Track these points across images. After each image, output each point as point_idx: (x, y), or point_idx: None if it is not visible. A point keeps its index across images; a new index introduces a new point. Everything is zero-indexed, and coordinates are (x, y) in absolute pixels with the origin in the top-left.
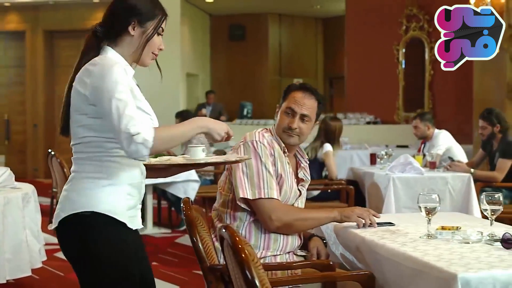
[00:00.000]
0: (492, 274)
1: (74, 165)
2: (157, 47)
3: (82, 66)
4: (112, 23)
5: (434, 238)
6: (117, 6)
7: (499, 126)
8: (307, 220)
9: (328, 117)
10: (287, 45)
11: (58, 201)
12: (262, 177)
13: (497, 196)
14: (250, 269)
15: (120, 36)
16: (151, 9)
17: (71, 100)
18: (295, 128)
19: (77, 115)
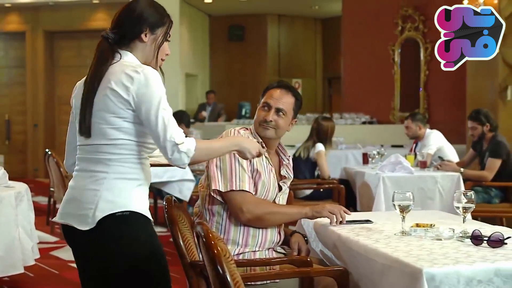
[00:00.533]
0: (456, 269)
1: (99, 165)
2: (165, 52)
3: (102, 70)
4: (125, 30)
5: (408, 235)
6: (128, 15)
7: (488, 125)
8: (277, 214)
9: (320, 117)
10: (286, 45)
11: (83, 201)
12: (234, 170)
13: (469, 194)
14: (221, 264)
15: (133, 42)
16: (160, 17)
17: (103, 101)
18: (270, 121)
19: (112, 117)
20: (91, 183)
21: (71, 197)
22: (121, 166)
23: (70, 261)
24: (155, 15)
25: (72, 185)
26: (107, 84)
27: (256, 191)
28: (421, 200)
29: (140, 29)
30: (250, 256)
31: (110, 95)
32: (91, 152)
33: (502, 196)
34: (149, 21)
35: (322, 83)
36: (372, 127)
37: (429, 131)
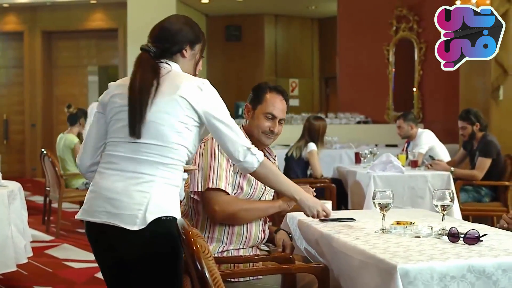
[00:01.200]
0: (430, 266)
1: (146, 167)
2: (199, 67)
3: (150, 78)
4: (168, 45)
5: (388, 232)
6: (172, 32)
7: (478, 124)
8: (251, 210)
9: (312, 116)
10: (283, 45)
11: (130, 202)
12: (212, 169)
13: (447, 193)
14: (200, 261)
15: (176, 56)
16: (197, 34)
17: (170, 105)
18: (276, 133)
19: (176, 121)
20: (137, 184)
21: (109, 196)
22: (169, 171)
23: (64, 260)
24: (193, 32)
25: (106, 184)
26: (175, 90)
27: (242, 190)
28: (412, 199)
29: (181, 45)
30: (233, 254)
31: (180, 101)
32: (138, 151)
33: (493, 195)
34: (189, 38)
35: (319, 83)
36: (367, 126)
37: (421, 131)
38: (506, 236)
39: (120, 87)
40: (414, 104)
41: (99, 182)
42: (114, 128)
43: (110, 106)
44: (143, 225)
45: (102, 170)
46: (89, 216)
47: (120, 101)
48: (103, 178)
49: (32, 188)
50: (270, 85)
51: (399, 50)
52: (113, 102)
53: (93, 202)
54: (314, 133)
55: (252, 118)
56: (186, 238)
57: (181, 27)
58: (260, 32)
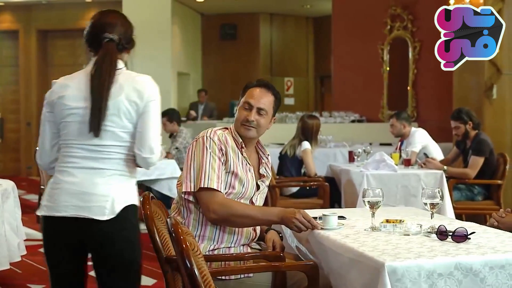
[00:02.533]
0: (418, 263)
1: (108, 163)
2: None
3: (112, 75)
4: (129, 39)
5: (378, 230)
6: (129, 27)
7: (471, 123)
8: (245, 218)
9: (305, 115)
10: (278, 44)
11: (97, 194)
12: (204, 169)
13: (436, 191)
14: (189, 258)
15: (125, 52)
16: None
17: (118, 107)
18: (252, 121)
19: (126, 122)
20: (101, 178)
21: (76, 191)
22: (127, 164)
23: None
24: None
25: (73, 180)
26: (121, 93)
27: (234, 189)
28: (405, 198)
29: (131, 43)
30: (225, 252)
31: (127, 103)
32: (99, 151)
33: (485, 194)
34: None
35: (314, 82)
36: (361, 125)
37: (414, 130)
38: (494, 234)
39: (68, 88)
40: (408, 103)
41: (62, 179)
42: (68, 131)
43: (59, 107)
44: (112, 214)
45: (63, 169)
46: (55, 212)
47: (70, 103)
48: (65, 175)
49: (27, 187)
50: (257, 81)
51: (394, 49)
52: (62, 104)
53: (58, 197)
54: (308, 131)
55: (236, 113)
56: (175, 236)
57: (130, 25)
58: (255, 30)
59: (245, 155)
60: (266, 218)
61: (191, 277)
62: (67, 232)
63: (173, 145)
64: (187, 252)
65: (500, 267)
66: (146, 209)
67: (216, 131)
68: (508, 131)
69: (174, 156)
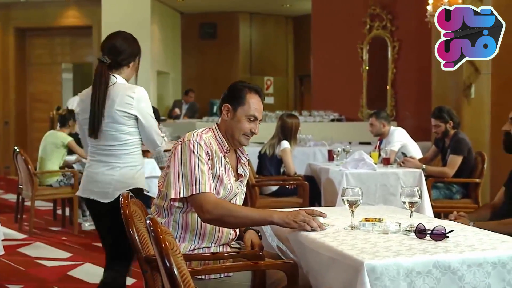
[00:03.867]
0: (396, 262)
1: (112, 158)
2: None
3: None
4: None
5: (357, 229)
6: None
7: (451, 122)
8: (239, 218)
9: (285, 114)
10: (257, 43)
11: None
12: (194, 174)
13: (415, 189)
14: (169, 257)
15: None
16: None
17: (112, 116)
18: (256, 133)
19: (121, 126)
20: (107, 170)
21: (92, 179)
22: (128, 157)
23: (37, 258)
24: (137, 48)
25: (91, 170)
26: (113, 104)
27: (218, 194)
28: (384, 196)
29: (130, 60)
30: (204, 252)
31: (119, 112)
32: (105, 150)
33: (464, 192)
34: (134, 52)
35: (294, 81)
36: (341, 124)
37: (393, 129)
38: (472, 232)
39: (81, 103)
40: (388, 102)
41: (87, 169)
42: (85, 135)
43: (79, 119)
44: (112, 198)
45: (88, 162)
46: (81, 193)
47: (82, 116)
48: (89, 166)
49: (5, 186)
50: (248, 85)
51: (373, 49)
52: (79, 116)
53: (84, 183)
54: (287, 130)
55: (233, 119)
56: (155, 235)
57: (130, 45)
58: (234, 30)
59: (227, 160)
60: (264, 219)
61: (170, 276)
62: (88, 206)
63: None
64: (166, 252)
65: (477, 265)
66: (125, 209)
67: (201, 134)
68: (486, 130)
69: (153, 155)
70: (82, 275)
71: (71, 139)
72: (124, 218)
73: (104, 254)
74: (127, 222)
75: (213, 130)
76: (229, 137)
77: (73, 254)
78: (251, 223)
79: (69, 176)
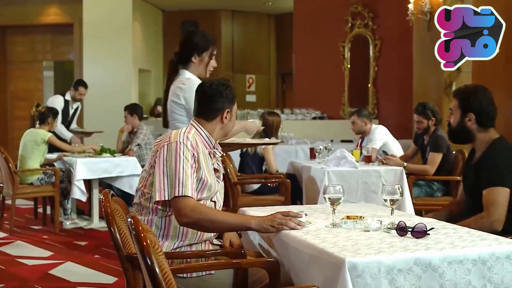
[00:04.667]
0: (378, 259)
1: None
2: (209, 68)
3: (169, 85)
4: (181, 54)
5: (339, 227)
6: (184, 43)
7: (434, 119)
8: (216, 223)
9: (266, 112)
10: (239, 41)
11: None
12: (178, 176)
13: (396, 187)
14: (150, 255)
15: (188, 63)
16: (205, 44)
17: (169, 107)
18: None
19: (179, 116)
20: None
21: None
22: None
23: (17, 257)
24: (202, 42)
25: None
26: (170, 97)
27: (202, 194)
28: (365, 194)
29: (191, 54)
30: (186, 249)
31: (172, 104)
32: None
33: (445, 190)
34: (198, 47)
35: (276, 79)
36: (322, 122)
37: (375, 127)
38: (453, 230)
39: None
40: (369, 100)
41: None
42: None
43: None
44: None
45: None
46: None
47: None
48: None
49: None
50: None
51: (355, 47)
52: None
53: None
54: (269, 128)
55: (230, 120)
56: (136, 233)
57: (191, 37)
58: (216, 27)
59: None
60: (241, 224)
61: (151, 274)
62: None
63: (134, 142)
64: (148, 250)
65: (458, 262)
66: (107, 207)
67: (187, 135)
68: None
69: (135, 153)
70: (63, 274)
71: (51, 135)
72: (105, 216)
73: (85, 253)
74: (108, 220)
75: (195, 127)
76: (221, 135)
77: (54, 253)
78: (229, 228)
79: (50, 174)
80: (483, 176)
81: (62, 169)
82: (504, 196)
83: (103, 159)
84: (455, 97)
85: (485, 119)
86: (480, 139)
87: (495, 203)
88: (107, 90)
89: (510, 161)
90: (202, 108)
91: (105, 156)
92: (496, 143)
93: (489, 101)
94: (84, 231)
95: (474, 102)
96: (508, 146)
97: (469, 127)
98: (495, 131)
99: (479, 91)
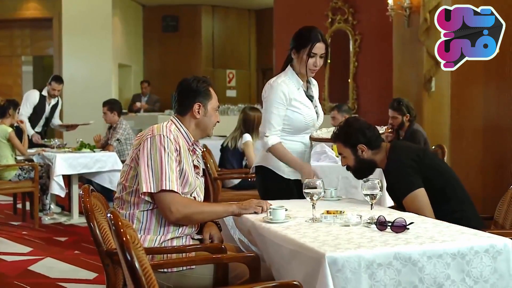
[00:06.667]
0: (358, 254)
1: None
2: (310, 66)
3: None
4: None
5: (319, 221)
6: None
7: (408, 115)
8: (205, 213)
9: (247, 107)
10: (220, 36)
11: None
12: (164, 170)
13: (376, 182)
14: (130, 251)
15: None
16: (299, 41)
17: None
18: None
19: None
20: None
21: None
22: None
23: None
24: (300, 38)
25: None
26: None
27: (184, 189)
28: (346, 189)
29: (291, 48)
30: (167, 245)
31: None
32: None
33: None
34: (295, 42)
35: (256, 74)
36: None
37: None
38: (432, 224)
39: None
40: (349, 95)
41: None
42: None
43: None
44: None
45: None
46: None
47: None
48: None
49: None
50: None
51: (335, 42)
52: None
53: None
54: (250, 124)
55: (205, 115)
56: (116, 228)
57: (297, 31)
58: (197, 22)
59: (191, 153)
60: (226, 210)
61: (131, 270)
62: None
63: (114, 137)
64: (128, 245)
65: (437, 256)
66: (86, 202)
67: (170, 128)
68: (446, 123)
69: (115, 149)
70: (43, 270)
71: (11, 131)
72: (84, 212)
73: (65, 249)
74: (87, 215)
75: (175, 124)
76: (200, 131)
77: (33, 249)
78: (216, 216)
79: (28, 169)
80: (396, 188)
81: (41, 164)
82: (422, 197)
83: (83, 154)
84: (336, 141)
85: (374, 141)
86: (380, 159)
87: (419, 208)
88: (86, 85)
89: (409, 162)
90: (176, 103)
91: (85, 152)
92: (390, 153)
93: (365, 124)
94: (64, 227)
95: (356, 134)
96: (402, 148)
97: (367, 157)
98: (384, 143)
99: (353, 122)
